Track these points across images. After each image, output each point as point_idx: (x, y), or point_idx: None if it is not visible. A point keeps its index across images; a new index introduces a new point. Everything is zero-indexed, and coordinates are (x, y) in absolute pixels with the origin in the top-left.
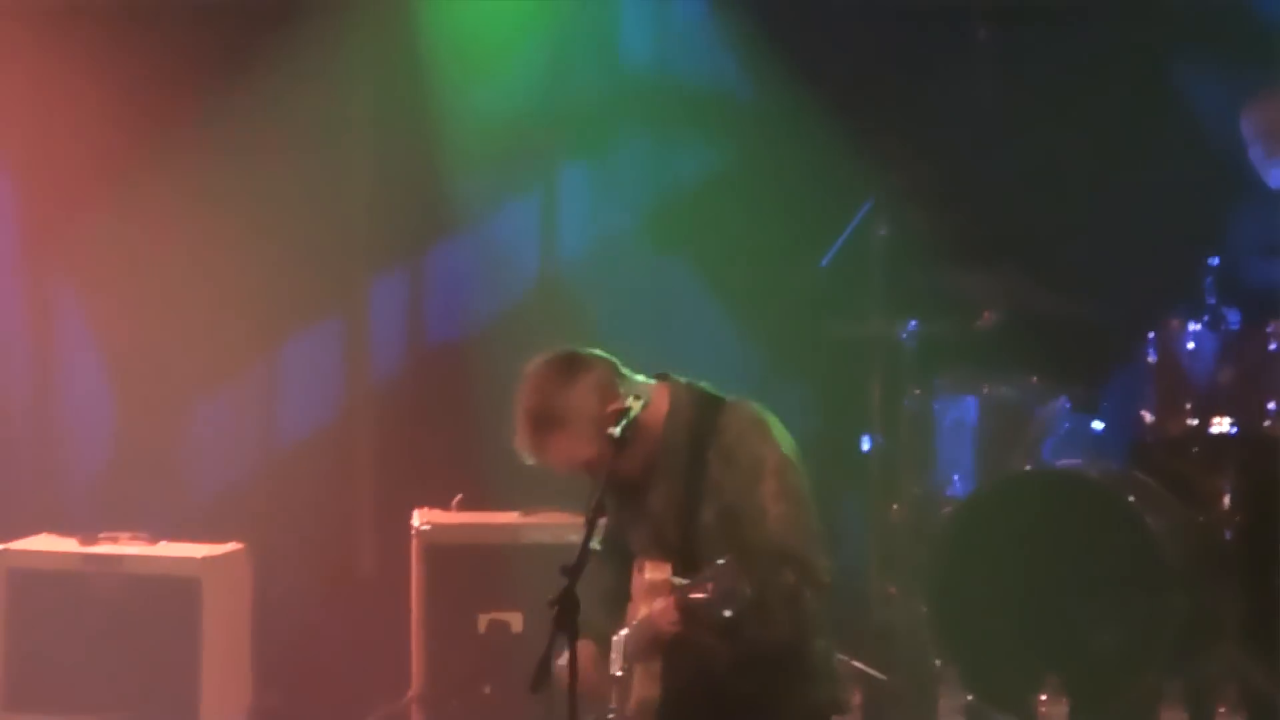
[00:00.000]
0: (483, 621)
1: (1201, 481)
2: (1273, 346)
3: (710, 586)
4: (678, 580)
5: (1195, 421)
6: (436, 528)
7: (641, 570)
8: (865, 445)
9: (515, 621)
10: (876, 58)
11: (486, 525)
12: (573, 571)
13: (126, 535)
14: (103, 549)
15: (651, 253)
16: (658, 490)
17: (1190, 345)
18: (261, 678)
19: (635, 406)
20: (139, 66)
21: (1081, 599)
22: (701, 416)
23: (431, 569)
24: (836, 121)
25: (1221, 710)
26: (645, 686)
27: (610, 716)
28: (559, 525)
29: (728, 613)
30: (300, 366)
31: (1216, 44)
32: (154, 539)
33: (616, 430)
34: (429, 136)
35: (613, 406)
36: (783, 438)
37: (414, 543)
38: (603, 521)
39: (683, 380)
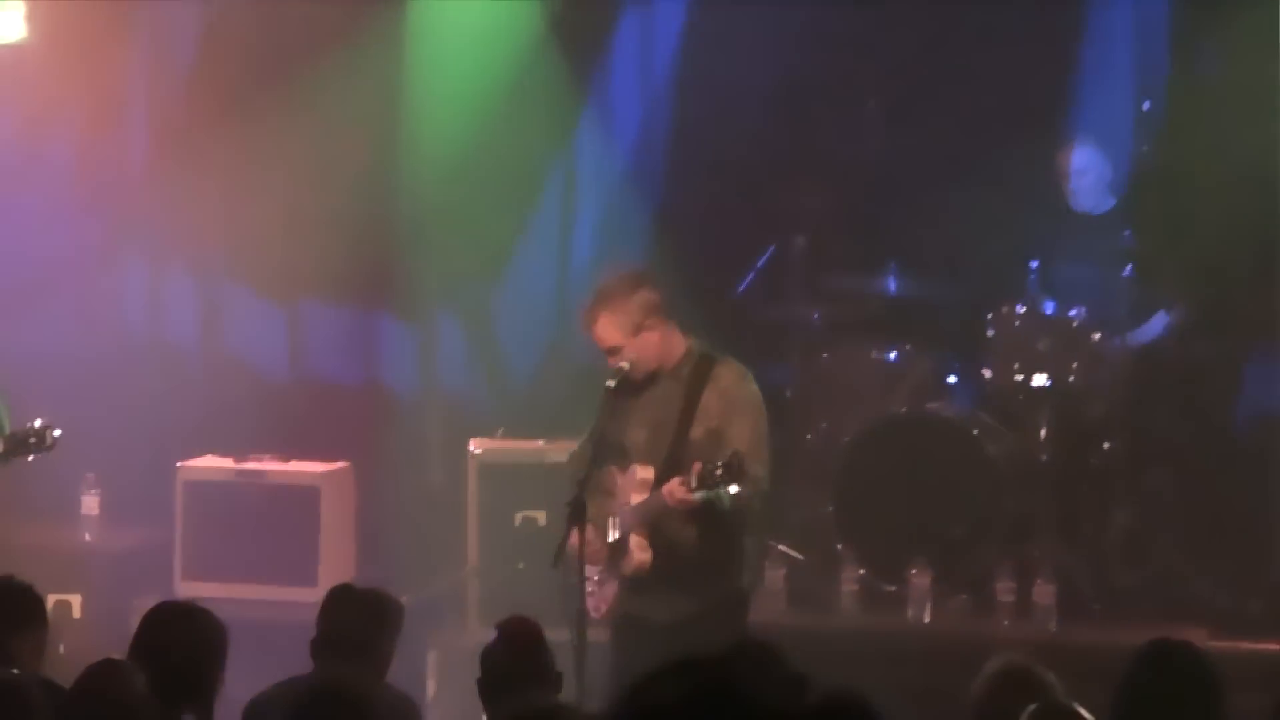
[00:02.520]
0: (518, 517)
1: (1025, 419)
2: (1076, 324)
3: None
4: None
5: (1021, 377)
6: (486, 451)
7: (633, 471)
8: (788, 393)
9: (541, 517)
10: (797, 118)
11: (521, 449)
12: (583, 482)
13: (267, 456)
14: (250, 465)
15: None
16: (657, 401)
17: (1018, 324)
18: (362, 556)
19: (625, 367)
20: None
21: (940, 502)
22: (704, 362)
23: (482, 481)
24: (764, 163)
25: (1039, 581)
26: (641, 552)
27: (590, 580)
28: (573, 449)
29: (734, 489)
30: (390, 336)
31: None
32: (286, 458)
33: (612, 383)
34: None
35: (650, 321)
36: (756, 389)
37: (470, 462)
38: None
39: (695, 337)
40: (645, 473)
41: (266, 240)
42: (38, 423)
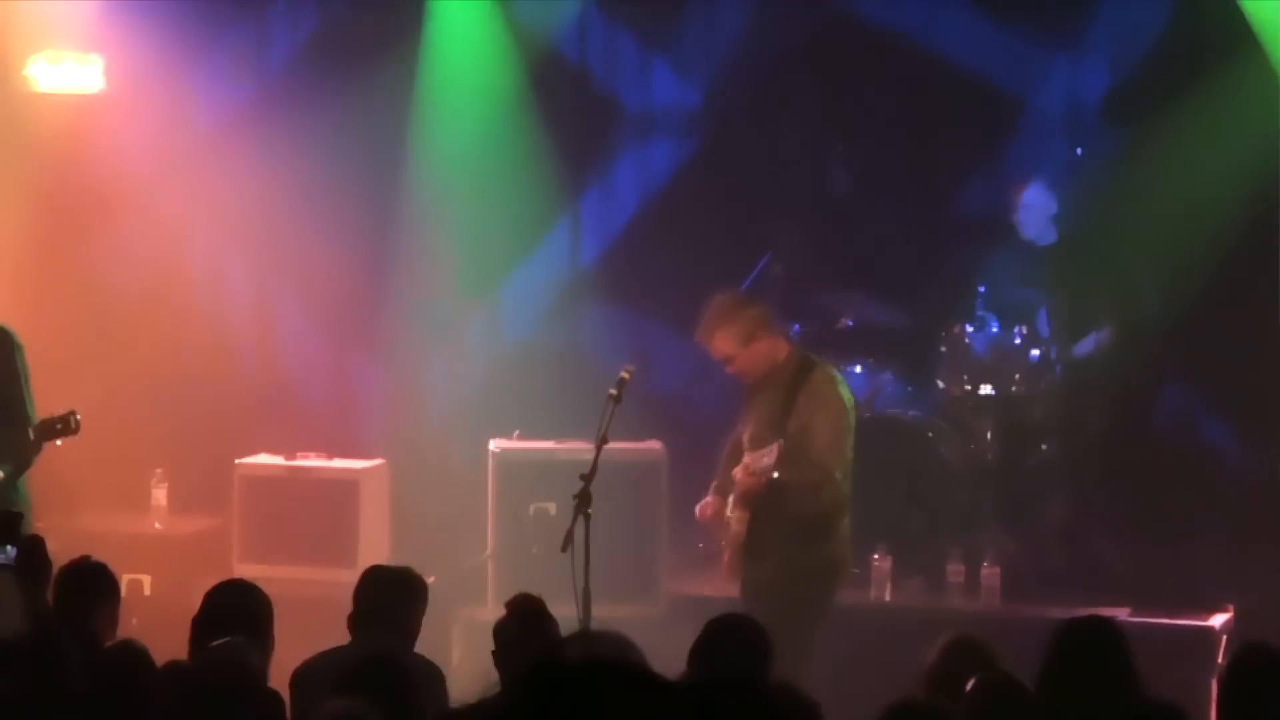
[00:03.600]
0: (531, 508)
1: (973, 424)
2: (1018, 342)
3: (763, 458)
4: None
5: (969, 387)
6: (504, 450)
7: (745, 458)
8: None
9: (552, 508)
10: (773, 159)
11: (535, 449)
12: (588, 477)
13: (313, 453)
14: (298, 462)
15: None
16: (766, 401)
17: (966, 340)
18: (395, 541)
19: (626, 377)
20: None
21: (899, 496)
22: (802, 365)
23: (500, 476)
24: (748, 198)
25: (985, 564)
26: (737, 526)
27: (702, 546)
28: (579, 450)
29: (775, 474)
30: (416, 348)
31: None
32: (330, 455)
33: (616, 391)
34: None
35: (759, 332)
36: (845, 391)
37: (489, 460)
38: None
39: (797, 343)
40: (750, 458)
41: (312, 256)
42: (62, 410)
